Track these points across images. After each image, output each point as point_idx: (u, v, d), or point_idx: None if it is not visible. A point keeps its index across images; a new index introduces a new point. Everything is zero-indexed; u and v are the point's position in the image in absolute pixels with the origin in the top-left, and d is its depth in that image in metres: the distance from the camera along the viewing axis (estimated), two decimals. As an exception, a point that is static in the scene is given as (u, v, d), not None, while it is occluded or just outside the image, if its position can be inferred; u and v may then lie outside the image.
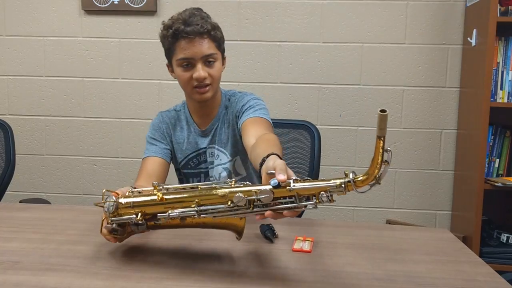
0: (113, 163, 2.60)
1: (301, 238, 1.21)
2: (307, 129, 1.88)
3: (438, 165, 2.47)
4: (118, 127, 2.58)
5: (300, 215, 1.53)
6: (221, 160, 1.56)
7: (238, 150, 1.54)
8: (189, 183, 1.59)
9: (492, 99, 2.11)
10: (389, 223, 2.47)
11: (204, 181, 1.58)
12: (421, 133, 2.46)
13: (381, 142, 0.82)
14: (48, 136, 2.63)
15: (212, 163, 1.57)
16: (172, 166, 1.60)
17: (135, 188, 1.25)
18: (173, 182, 1.61)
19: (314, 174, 1.82)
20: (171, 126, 1.58)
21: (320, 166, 1.81)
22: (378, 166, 0.83)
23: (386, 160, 0.83)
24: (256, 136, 1.31)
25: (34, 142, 2.64)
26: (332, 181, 0.88)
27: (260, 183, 1.64)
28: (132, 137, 2.58)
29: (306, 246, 1.17)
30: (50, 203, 2.54)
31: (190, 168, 1.58)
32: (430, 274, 1.02)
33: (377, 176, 0.84)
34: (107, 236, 1.07)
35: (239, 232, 1.06)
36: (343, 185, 0.86)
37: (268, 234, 1.22)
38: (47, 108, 2.62)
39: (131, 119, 2.57)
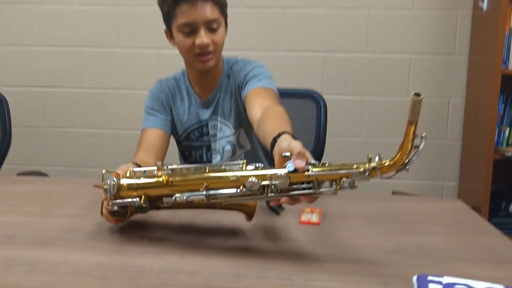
0: (112, 136, 2.54)
1: (309, 210, 1.16)
2: (313, 98, 1.81)
3: (445, 135, 2.41)
4: (117, 98, 2.51)
5: None
6: (225, 133, 1.49)
7: (242, 122, 1.48)
8: (191, 156, 1.54)
9: (503, 66, 2.03)
10: (396, 194, 2.42)
11: (207, 155, 1.52)
12: (429, 102, 2.39)
13: (413, 127, 0.75)
14: (44, 108, 2.57)
15: (214, 136, 1.50)
16: (172, 139, 1.54)
17: (137, 164, 1.20)
18: (173, 155, 1.57)
19: (319, 146, 1.76)
20: (171, 96, 1.51)
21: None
22: (407, 153, 0.77)
23: (416, 147, 0.76)
24: (262, 109, 1.24)
25: (31, 114, 2.57)
26: (355, 166, 0.81)
27: (266, 156, 1.61)
28: (131, 109, 2.51)
29: (314, 217, 1.12)
30: (48, 176, 2.50)
31: (192, 141, 1.52)
32: (446, 246, 0.97)
33: (405, 162, 0.78)
34: (108, 218, 1.01)
35: (250, 214, 1.01)
36: (367, 172, 0.80)
37: (274, 206, 1.17)
38: (43, 79, 2.54)
39: (129, 90, 2.50)
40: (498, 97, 2.02)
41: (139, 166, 1.18)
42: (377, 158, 0.81)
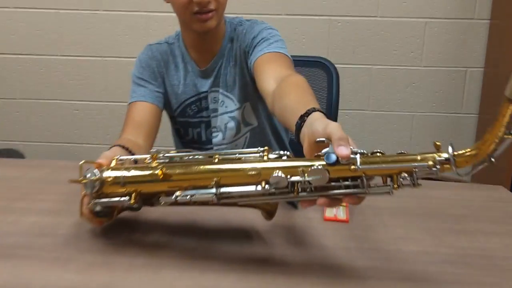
0: (96, 108, 2.30)
1: (333, 203, 0.96)
2: (323, 67, 1.59)
3: (461, 107, 2.22)
4: (101, 67, 2.26)
5: None
6: (227, 107, 1.26)
7: (248, 94, 1.25)
8: (187, 135, 1.32)
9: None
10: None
11: (206, 133, 1.31)
12: (444, 71, 2.19)
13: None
14: (21, 78, 2.31)
15: (215, 110, 1.27)
16: (165, 114, 1.32)
17: (123, 147, 0.98)
18: (165, 133, 1.36)
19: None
20: (164, 63, 1.27)
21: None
22: (496, 140, 0.56)
23: (511, 133, 0.56)
24: (277, 79, 1.01)
25: (5, 84, 2.32)
26: (419, 158, 0.62)
27: (275, 135, 1.39)
28: (117, 78, 2.27)
29: (341, 213, 0.92)
30: (23, 156, 2.27)
31: (188, 116, 1.30)
32: (510, 253, 0.79)
33: (491, 153, 0.57)
34: (89, 219, 0.80)
35: (270, 213, 0.80)
36: (437, 166, 0.60)
37: (292, 198, 0.96)
38: (18, 45, 2.28)
39: (115, 58, 2.25)
40: (526, 66, 1.82)
41: (127, 150, 0.96)
42: (450, 149, 0.60)
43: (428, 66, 2.18)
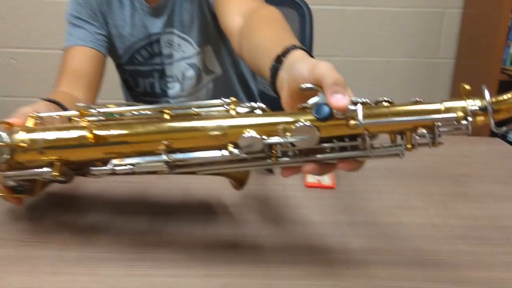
0: (35, 56, 2.03)
1: (315, 165, 0.80)
2: (296, 7, 1.39)
3: (437, 52, 2.08)
4: (39, 10, 1.97)
5: None
6: (185, 52, 1.05)
7: (209, 36, 1.04)
8: (138, 86, 1.11)
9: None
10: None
11: (160, 83, 1.10)
12: (420, 13, 2.02)
13: None
14: None
15: (170, 56, 1.06)
16: (110, 62, 1.10)
17: (55, 102, 0.77)
18: (112, 84, 1.15)
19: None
20: (105, 0, 1.05)
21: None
22: None
23: None
24: (245, 13, 0.81)
25: None
26: (443, 108, 0.46)
27: (243, 86, 1.20)
28: (57, 23, 1.99)
29: (326, 178, 0.77)
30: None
31: (138, 64, 1.08)
32: (530, 221, 0.66)
33: None
34: (5, 196, 0.60)
35: (240, 181, 0.63)
36: (468, 118, 0.44)
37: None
38: None
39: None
40: (510, 6, 1.67)
41: (59, 106, 0.76)
42: (486, 93, 0.45)
43: (403, 7, 2.01)
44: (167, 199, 0.69)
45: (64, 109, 0.75)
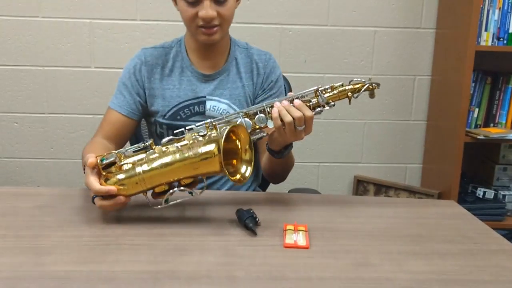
0: (38, 120, 2.18)
1: (292, 228, 0.94)
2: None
3: (410, 115, 2.27)
4: (42, 77, 2.14)
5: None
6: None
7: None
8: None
9: (476, 42, 1.88)
10: (358, 180, 2.27)
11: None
12: (393, 79, 2.23)
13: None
14: (-47, 89, 2.15)
15: (212, 118, 1.26)
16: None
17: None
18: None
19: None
20: (156, 68, 1.28)
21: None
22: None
23: None
24: None
25: None
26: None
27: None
28: (59, 90, 2.15)
29: (301, 239, 0.90)
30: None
31: (180, 119, 1.28)
32: (466, 275, 0.79)
33: None
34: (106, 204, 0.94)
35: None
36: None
37: (249, 223, 0.94)
38: (-51, 53, 2.11)
39: (56, 68, 2.13)
40: (471, 75, 1.87)
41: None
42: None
43: (378, 74, 2.21)
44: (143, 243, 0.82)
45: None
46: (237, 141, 0.96)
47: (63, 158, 2.20)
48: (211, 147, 0.88)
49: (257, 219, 0.95)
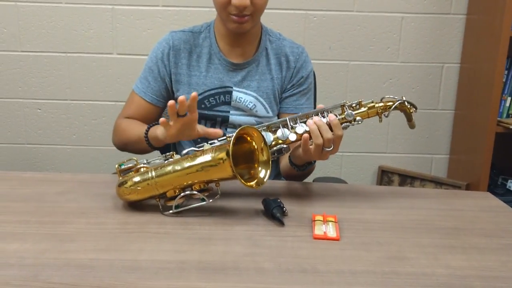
0: (60, 107, 2.18)
1: (321, 218, 0.91)
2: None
3: (437, 103, 2.20)
4: (65, 63, 2.13)
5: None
6: (258, 111, 1.26)
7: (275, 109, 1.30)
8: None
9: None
10: (383, 171, 2.22)
11: (220, 127, 1.27)
12: (420, 67, 2.16)
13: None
14: (-23, 75, 2.16)
15: (239, 109, 1.24)
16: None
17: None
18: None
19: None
20: (183, 52, 1.24)
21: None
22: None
23: None
24: None
25: (-39, 82, 2.16)
26: None
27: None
28: (82, 76, 2.15)
29: (331, 230, 0.87)
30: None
31: (204, 108, 1.25)
32: (509, 271, 0.75)
33: None
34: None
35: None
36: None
37: (277, 213, 0.90)
38: (-26, 40, 2.12)
39: (79, 54, 2.12)
40: (504, 62, 1.80)
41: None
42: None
43: (405, 62, 2.15)
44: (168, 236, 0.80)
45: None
46: (253, 142, 0.92)
47: (86, 145, 2.19)
48: (222, 151, 0.86)
49: (284, 208, 0.92)
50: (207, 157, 0.87)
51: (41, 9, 2.08)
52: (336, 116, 0.99)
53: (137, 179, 0.92)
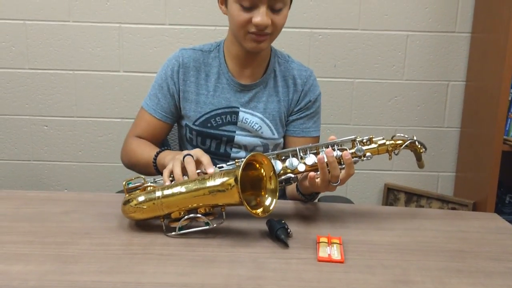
0: (67, 124, 2.19)
1: (325, 240, 0.90)
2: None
3: (443, 121, 2.19)
4: (72, 81, 2.15)
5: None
6: (263, 133, 1.25)
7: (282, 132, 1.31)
8: (204, 144, 1.28)
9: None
10: (388, 188, 2.20)
11: (225, 147, 1.26)
12: (426, 85, 2.16)
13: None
14: (-15, 92, 2.18)
15: (244, 130, 1.24)
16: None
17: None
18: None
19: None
20: (192, 71, 1.24)
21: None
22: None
23: None
24: None
25: (-31, 99, 2.18)
26: None
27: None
28: (88, 93, 2.16)
29: (335, 252, 0.86)
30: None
31: (210, 127, 1.25)
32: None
33: None
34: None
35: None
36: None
37: (281, 234, 0.90)
38: (-18, 57, 2.15)
39: (86, 71, 2.14)
40: (510, 80, 1.79)
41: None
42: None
43: (410, 80, 2.15)
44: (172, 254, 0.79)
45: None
46: (261, 169, 0.92)
47: (92, 161, 2.20)
48: (230, 177, 0.85)
49: (288, 230, 0.92)
50: (215, 182, 0.87)
51: (49, 27, 2.10)
52: (346, 150, 0.99)
53: (143, 198, 0.92)
